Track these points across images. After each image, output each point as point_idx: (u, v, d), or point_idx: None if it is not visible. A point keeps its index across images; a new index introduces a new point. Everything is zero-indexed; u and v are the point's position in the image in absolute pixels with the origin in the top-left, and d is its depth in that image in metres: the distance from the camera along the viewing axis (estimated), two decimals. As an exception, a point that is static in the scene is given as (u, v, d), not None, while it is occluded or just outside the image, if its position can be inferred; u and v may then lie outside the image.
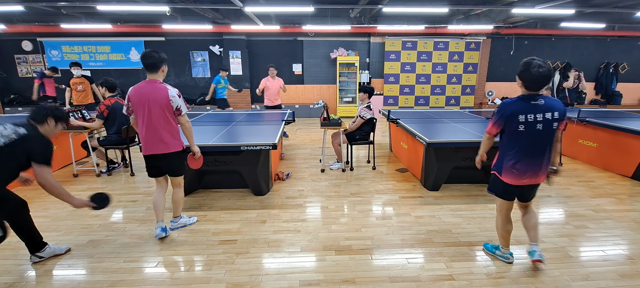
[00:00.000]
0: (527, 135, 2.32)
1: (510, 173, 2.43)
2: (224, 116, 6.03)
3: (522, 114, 2.30)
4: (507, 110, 2.35)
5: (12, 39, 10.11)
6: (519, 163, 2.38)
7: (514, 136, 2.36)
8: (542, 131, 2.30)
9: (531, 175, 2.40)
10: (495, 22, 9.48)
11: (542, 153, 2.36)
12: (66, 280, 2.55)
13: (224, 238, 3.15)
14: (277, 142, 3.90)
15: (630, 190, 4.36)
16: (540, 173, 2.42)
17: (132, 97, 2.90)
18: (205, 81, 10.95)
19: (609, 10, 8.25)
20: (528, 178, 2.41)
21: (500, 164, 2.49)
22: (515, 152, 2.37)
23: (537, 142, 2.33)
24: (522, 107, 2.31)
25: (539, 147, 2.34)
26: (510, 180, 2.44)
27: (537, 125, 2.29)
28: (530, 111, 2.29)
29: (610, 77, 11.24)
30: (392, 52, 10.65)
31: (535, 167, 2.38)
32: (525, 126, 2.30)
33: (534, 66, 2.24)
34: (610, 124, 5.01)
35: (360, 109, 5.05)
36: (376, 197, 4.14)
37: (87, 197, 2.70)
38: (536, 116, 2.28)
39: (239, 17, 9.28)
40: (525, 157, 2.36)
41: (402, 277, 2.56)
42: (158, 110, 2.85)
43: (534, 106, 2.30)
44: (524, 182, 2.43)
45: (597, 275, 2.59)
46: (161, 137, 2.91)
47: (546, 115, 2.28)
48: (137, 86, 2.91)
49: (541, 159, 2.37)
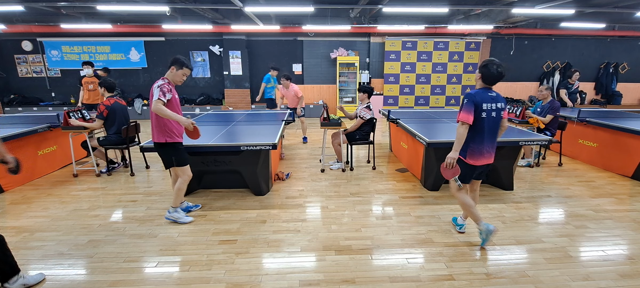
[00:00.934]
0: (488, 121, 2.74)
1: (474, 156, 2.82)
2: (224, 116, 6.03)
3: (486, 103, 2.72)
4: (477, 98, 2.72)
5: (12, 39, 10.12)
6: (481, 145, 2.78)
7: (478, 122, 2.74)
8: (495, 118, 2.77)
9: (488, 156, 2.84)
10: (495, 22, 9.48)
11: (495, 137, 2.85)
12: (66, 280, 2.55)
13: (224, 238, 3.15)
14: (277, 142, 3.90)
15: (631, 190, 4.36)
16: (494, 153, 2.89)
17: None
18: (205, 81, 10.95)
19: (609, 10, 8.25)
20: (486, 159, 2.85)
21: (465, 149, 2.83)
22: (479, 136, 2.77)
23: (493, 127, 2.78)
24: (485, 97, 2.73)
25: (494, 131, 2.81)
26: (473, 162, 2.83)
27: (492, 113, 2.74)
28: (490, 101, 2.74)
29: (610, 77, 11.24)
30: (392, 52, 10.65)
31: (491, 149, 2.84)
32: (487, 113, 2.73)
33: (494, 65, 2.69)
34: (610, 124, 5.01)
35: (359, 109, 5.05)
36: (376, 197, 4.14)
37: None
38: (492, 105, 2.74)
39: (239, 17, 9.29)
40: (487, 140, 2.79)
41: (402, 277, 2.56)
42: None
43: (491, 97, 2.76)
44: (483, 162, 2.85)
45: (597, 275, 2.59)
46: (152, 127, 3.23)
47: (498, 105, 2.76)
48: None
49: (494, 142, 2.86)
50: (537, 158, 5.49)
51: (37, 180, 4.82)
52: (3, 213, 3.71)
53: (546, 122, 5.15)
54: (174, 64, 3.19)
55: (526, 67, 11.29)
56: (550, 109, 5.17)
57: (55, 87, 10.66)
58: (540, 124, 5.19)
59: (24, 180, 4.66)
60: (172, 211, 3.44)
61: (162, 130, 3.19)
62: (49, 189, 4.44)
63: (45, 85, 10.62)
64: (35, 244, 3.05)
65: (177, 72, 3.20)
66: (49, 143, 5.15)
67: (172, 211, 3.44)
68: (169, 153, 3.29)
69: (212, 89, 11.00)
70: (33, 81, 10.59)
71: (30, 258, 2.83)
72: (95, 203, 3.95)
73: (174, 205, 3.44)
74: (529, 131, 4.70)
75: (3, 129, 4.67)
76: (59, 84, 10.64)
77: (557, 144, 5.50)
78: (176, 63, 3.19)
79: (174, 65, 3.19)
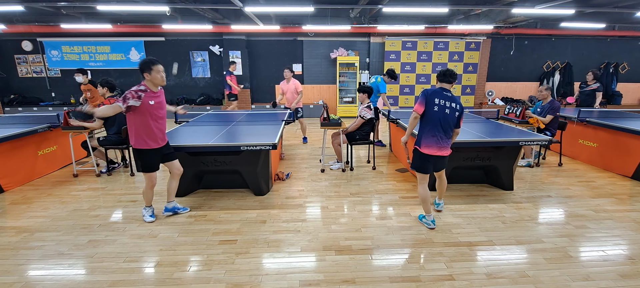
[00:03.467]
0: (439, 114, 3.08)
1: (426, 145, 3.14)
2: (224, 116, 6.03)
3: (438, 98, 3.10)
4: (429, 93, 3.14)
5: (12, 39, 10.12)
6: (433, 136, 3.10)
7: (429, 114, 3.11)
8: (449, 115, 3.09)
9: (441, 148, 3.14)
10: (495, 22, 9.48)
11: (448, 133, 3.14)
12: (66, 280, 2.55)
13: (224, 238, 3.15)
14: (277, 142, 3.90)
15: (631, 190, 4.36)
16: (448, 148, 3.20)
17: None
18: (205, 81, 10.96)
19: (609, 10, 8.25)
20: (439, 151, 3.13)
21: (420, 139, 3.19)
22: (430, 126, 3.12)
23: (445, 122, 3.09)
24: (438, 94, 3.12)
25: (446, 126, 3.11)
26: (426, 151, 3.15)
27: (446, 109, 3.09)
28: (443, 98, 3.10)
29: (610, 77, 11.24)
30: (392, 52, 10.65)
31: (444, 142, 3.14)
32: (439, 108, 3.08)
33: (447, 72, 3.18)
34: (611, 124, 5.01)
35: (360, 109, 5.05)
36: (376, 197, 4.14)
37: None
38: (445, 102, 3.09)
39: (239, 17, 9.28)
40: (438, 132, 3.10)
41: (402, 277, 2.56)
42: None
43: (446, 96, 3.12)
44: (436, 153, 3.14)
45: (598, 275, 2.59)
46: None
47: (452, 104, 3.11)
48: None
49: (448, 137, 3.16)
50: (537, 158, 5.49)
51: (37, 180, 4.82)
52: (3, 213, 3.71)
53: (546, 122, 5.15)
54: (143, 71, 3.13)
55: (526, 67, 11.29)
56: (550, 109, 5.16)
57: (55, 87, 10.67)
58: (541, 124, 5.19)
59: (24, 180, 4.66)
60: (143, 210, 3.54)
61: (133, 135, 3.21)
62: (49, 189, 4.44)
63: (45, 85, 10.62)
64: (35, 244, 3.05)
65: (152, 75, 3.15)
66: (49, 143, 5.15)
67: (143, 209, 3.54)
68: (136, 157, 3.34)
69: (212, 89, 11.00)
70: (33, 81, 10.59)
71: (31, 258, 2.83)
72: (95, 203, 3.95)
73: (146, 205, 3.52)
74: (529, 131, 4.70)
75: (3, 128, 4.67)
76: (59, 84, 10.64)
77: (557, 144, 5.50)
78: (145, 69, 3.12)
79: (144, 72, 3.14)
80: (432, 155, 3.15)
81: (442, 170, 3.42)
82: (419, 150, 3.19)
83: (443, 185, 3.58)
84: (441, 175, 3.51)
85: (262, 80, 11.00)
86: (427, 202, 3.29)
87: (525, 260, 2.78)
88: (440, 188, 3.61)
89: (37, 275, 2.60)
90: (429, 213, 3.34)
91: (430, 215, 3.34)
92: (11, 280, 2.53)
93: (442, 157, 3.20)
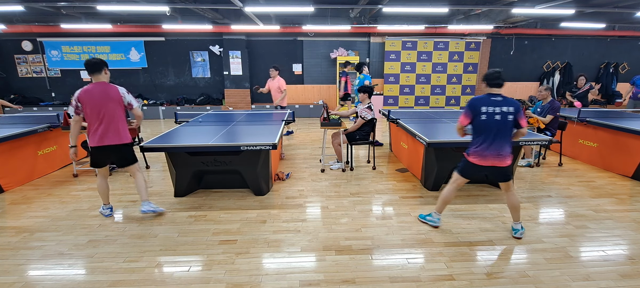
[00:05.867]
0: (488, 123, 2.87)
1: (476, 155, 2.96)
2: (224, 116, 6.02)
3: (485, 106, 2.86)
4: (475, 102, 2.92)
5: (12, 39, 10.12)
6: (483, 146, 2.90)
7: (478, 124, 2.91)
8: (501, 121, 2.85)
9: (492, 158, 2.91)
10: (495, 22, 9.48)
11: (501, 140, 2.89)
12: (66, 280, 2.54)
13: (224, 238, 3.15)
14: (277, 142, 3.90)
15: (631, 190, 4.36)
16: (504, 156, 2.91)
17: (82, 98, 3.23)
18: (205, 81, 10.96)
19: (609, 10, 8.25)
20: (489, 161, 2.92)
21: (469, 148, 3.04)
22: (480, 137, 2.93)
23: (497, 129, 2.86)
24: (485, 101, 2.89)
25: (498, 134, 2.87)
26: (475, 161, 2.97)
27: (495, 116, 2.85)
28: (491, 105, 2.87)
29: (610, 77, 11.24)
30: (392, 52, 10.65)
31: (496, 151, 2.89)
32: (487, 116, 2.86)
33: (493, 76, 2.93)
34: (611, 124, 5.01)
35: (360, 109, 5.05)
36: (376, 197, 4.14)
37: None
38: (493, 109, 2.85)
39: (239, 17, 9.28)
40: (489, 142, 2.89)
41: (402, 277, 2.56)
42: (114, 106, 3.28)
43: (494, 101, 2.87)
44: (485, 163, 2.93)
45: (598, 275, 2.59)
46: (117, 130, 3.32)
47: (503, 108, 2.85)
48: (86, 88, 3.26)
49: (501, 145, 2.90)
50: (537, 158, 5.49)
51: (37, 180, 4.81)
52: (3, 213, 3.71)
53: (546, 122, 5.15)
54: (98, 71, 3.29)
55: (526, 67, 11.29)
56: (550, 109, 5.16)
57: (55, 87, 10.67)
58: (541, 124, 5.19)
59: (24, 180, 4.66)
60: (147, 204, 3.54)
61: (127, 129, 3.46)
62: (49, 189, 4.44)
63: (45, 85, 10.62)
64: (35, 244, 3.05)
65: (107, 75, 3.35)
66: (49, 143, 5.15)
67: (147, 204, 3.54)
68: (132, 149, 3.53)
69: (212, 89, 11.01)
70: (33, 81, 10.60)
71: (31, 258, 2.83)
72: (95, 204, 3.95)
73: (145, 199, 3.55)
74: (529, 131, 4.69)
75: (3, 128, 4.67)
76: (59, 84, 10.65)
77: (558, 144, 5.50)
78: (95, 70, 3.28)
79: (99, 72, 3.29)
80: (484, 166, 2.93)
81: (507, 183, 3.03)
82: (467, 159, 3.03)
83: (513, 203, 3.06)
84: (507, 190, 3.08)
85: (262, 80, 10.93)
86: (446, 202, 3.21)
87: (526, 260, 2.78)
88: (512, 207, 3.08)
89: (37, 275, 2.60)
90: (440, 212, 3.29)
91: (440, 214, 3.30)
92: (11, 280, 2.53)
93: (499, 167, 2.92)
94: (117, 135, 3.33)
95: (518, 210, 3.09)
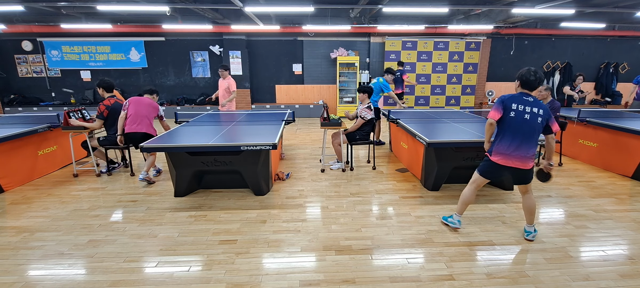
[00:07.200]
0: (516, 121, 2.80)
1: (498, 154, 2.90)
2: (224, 116, 6.02)
3: (515, 103, 2.83)
4: (506, 97, 2.88)
5: (12, 39, 10.12)
6: (507, 146, 2.85)
7: (505, 121, 2.85)
8: (529, 121, 2.78)
9: (515, 159, 2.85)
10: (495, 22, 9.48)
11: (527, 141, 2.82)
12: (66, 280, 2.55)
13: (224, 238, 3.15)
14: (277, 142, 3.90)
15: (631, 190, 4.36)
16: (527, 159, 2.86)
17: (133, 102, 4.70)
18: (205, 81, 10.96)
19: (609, 10, 8.25)
20: (512, 162, 2.86)
21: (492, 147, 2.98)
22: (505, 135, 2.86)
23: (523, 130, 2.80)
24: (517, 99, 2.86)
25: (524, 135, 2.81)
26: (497, 160, 2.91)
27: (525, 115, 2.79)
28: (522, 103, 2.82)
29: (610, 77, 11.24)
30: (392, 52, 10.65)
31: (520, 152, 2.83)
32: (516, 113, 2.81)
33: (530, 76, 2.86)
34: (611, 124, 5.01)
35: (360, 110, 5.05)
36: (376, 197, 4.14)
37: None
38: (524, 107, 2.80)
39: (239, 17, 9.29)
40: (515, 142, 2.83)
41: (402, 277, 2.56)
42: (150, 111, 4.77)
43: (526, 100, 2.83)
44: (508, 164, 2.87)
45: (598, 275, 2.59)
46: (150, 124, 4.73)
47: (534, 109, 2.80)
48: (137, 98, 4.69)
49: (526, 146, 2.84)
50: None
51: (37, 180, 4.82)
52: (3, 213, 3.71)
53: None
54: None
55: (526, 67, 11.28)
56: (550, 109, 5.16)
57: (55, 87, 10.67)
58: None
59: (24, 180, 4.66)
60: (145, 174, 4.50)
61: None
62: (49, 189, 4.44)
63: (45, 85, 10.63)
64: (35, 244, 3.05)
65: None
66: (49, 143, 5.15)
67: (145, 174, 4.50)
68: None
69: (212, 89, 10.99)
70: (33, 81, 10.60)
71: (31, 258, 2.83)
72: (95, 203, 3.95)
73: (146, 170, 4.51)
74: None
75: (3, 128, 4.67)
76: (59, 84, 10.65)
77: (558, 143, 5.50)
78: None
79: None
80: (508, 167, 2.87)
81: (526, 185, 2.99)
82: (489, 158, 2.96)
83: (529, 206, 3.04)
84: (526, 192, 3.03)
85: (262, 80, 11.01)
86: (467, 203, 3.16)
87: (526, 260, 2.78)
88: (528, 209, 3.06)
89: (37, 275, 2.60)
90: (460, 214, 3.23)
91: (461, 216, 3.25)
92: (11, 280, 2.53)
93: (522, 169, 2.87)
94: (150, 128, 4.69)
95: (534, 213, 3.05)
